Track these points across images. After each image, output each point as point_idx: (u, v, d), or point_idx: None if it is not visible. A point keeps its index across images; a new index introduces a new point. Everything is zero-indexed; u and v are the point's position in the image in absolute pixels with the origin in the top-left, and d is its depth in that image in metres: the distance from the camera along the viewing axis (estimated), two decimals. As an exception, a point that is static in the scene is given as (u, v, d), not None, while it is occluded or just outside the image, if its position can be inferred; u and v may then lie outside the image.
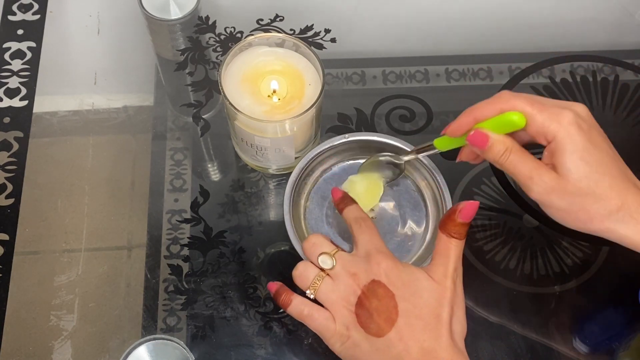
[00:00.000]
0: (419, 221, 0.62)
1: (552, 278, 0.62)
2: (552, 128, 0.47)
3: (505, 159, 0.49)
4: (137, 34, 0.74)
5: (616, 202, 0.47)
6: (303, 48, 0.60)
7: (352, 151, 0.64)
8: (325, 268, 0.51)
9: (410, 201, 0.63)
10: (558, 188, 0.47)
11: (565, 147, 0.47)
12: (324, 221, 0.63)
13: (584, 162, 0.47)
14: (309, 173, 0.63)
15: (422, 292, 0.49)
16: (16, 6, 0.76)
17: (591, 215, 0.48)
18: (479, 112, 0.50)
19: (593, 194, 0.47)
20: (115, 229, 0.64)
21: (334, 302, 0.50)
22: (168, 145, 0.68)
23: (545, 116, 0.47)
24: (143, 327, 0.59)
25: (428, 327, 0.48)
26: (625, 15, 0.78)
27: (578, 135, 0.47)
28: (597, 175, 0.47)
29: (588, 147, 0.47)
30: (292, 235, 0.59)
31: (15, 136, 0.68)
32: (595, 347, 0.60)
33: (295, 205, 0.62)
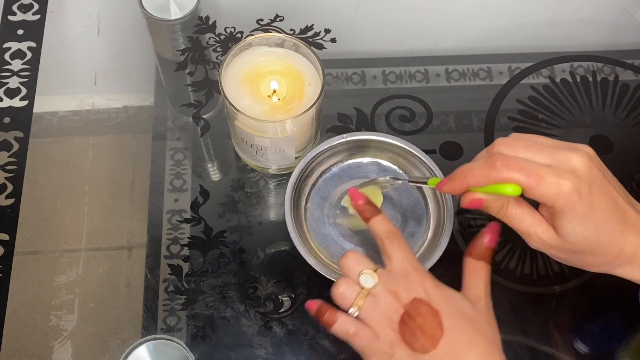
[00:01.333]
0: (419, 220, 0.63)
1: (552, 278, 0.62)
2: (551, 199, 0.46)
3: (503, 214, 0.49)
4: (137, 34, 0.74)
5: (613, 254, 0.48)
6: (303, 48, 0.60)
7: (351, 151, 0.64)
8: (367, 287, 0.50)
9: (410, 200, 0.63)
10: (556, 245, 0.48)
11: (564, 216, 0.46)
12: (325, 222, 0.63)
13: (584, 227, 0.47)
14: (308, 174, 0.63)
15: (463, 309, 0.50)
16: (16, 6, 0.76)
17: (589, 265, 0.49)
18: (472, 180, 0.48)
19: (591, 251, 0.48)
20: (115, 229, 0.64)
21: (376, 320, 0.50)
22: (168, 145, 0.68)
23: (543, 188, 0.46)
24: (143, 327, 0.59)
25: (474, 341, 0.48)
26: (625, 15, 0.78)
27: (577, 204, 0.46)
28: (595, 236, 0.47)
29: (588, 213, 0.46)
30: (295, 237, 0.59)
31: (15, 136, 0.68)
32: (595, 347, 0.60)
33: (296, 207, 0.62)
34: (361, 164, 0.65)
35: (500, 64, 0.74)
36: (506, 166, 0.46)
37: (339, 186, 0.64)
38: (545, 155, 0.47)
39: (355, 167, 0.65)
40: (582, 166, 0.47)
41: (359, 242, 0.62)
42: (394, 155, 0.65)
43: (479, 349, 0.48)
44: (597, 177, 0.47)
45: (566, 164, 0.47)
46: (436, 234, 0.61)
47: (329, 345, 0.59)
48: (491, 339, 0.49)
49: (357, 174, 0.65)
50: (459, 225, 0.64)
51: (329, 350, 0.59)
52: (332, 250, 0.62)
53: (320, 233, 0.62)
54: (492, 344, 0.49)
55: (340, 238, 0.62)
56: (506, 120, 0.70)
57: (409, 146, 0.62)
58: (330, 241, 0.62)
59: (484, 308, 0.51)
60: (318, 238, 0.62)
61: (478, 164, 0.48)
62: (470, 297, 0.51)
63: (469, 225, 0.65)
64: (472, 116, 0.71)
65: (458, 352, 0.48)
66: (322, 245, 0.62)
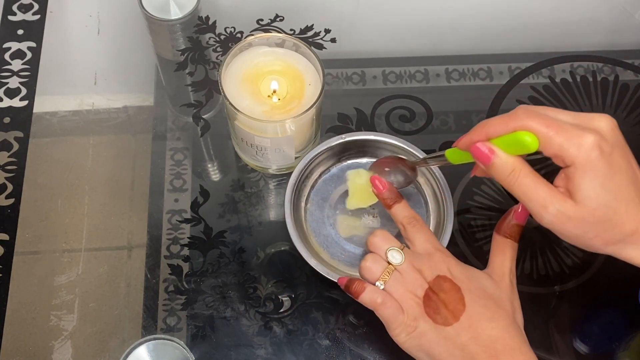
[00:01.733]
0: None
1: (552, 278, 0.62)
2: (571, 152, 0.44)
3: (514, 180, 0.46)
4: (137, 34, 0.74)
5: (631, 227, 0.45)
6: (303, 48, 0.60)
7: (350, 151, 0.64)
8: (394, 263, 0.52)
9: (411, 199, 0.63)
10: (574, 217, 0.45)
11: (585, 174, 0.44)
12: (325, 223, 0.63)
13: (605, 190, 0.44)
14: (308, 175, 0.63)
15: (485, 287, 0.51)
16: (16, 6, 0.76)
17: (605, 240, 0.46)
18: (491, 128, 0.47)
19: (610, 221, 0.45)
20: (115, 229, 0.64)
21: (401, 294, 0.51)
22: (168, 145, 0.68)
23: (563, 138, 0.44)
24: (143, 327, 0.59)
25: (495, 316, 0.50)
26: (625, 15, 0.78)
27: (599, 161, 0.44)
28: (615, 202, 0.45)
29: (608, 173, 0.44)
30: (295, 238, 0.59)
31: (15, 136, 0.68)
32: (595, 347, 0.60)
33: (296, 208, 0.62)
34: (360, 164, 0.65)
35: (500, 64, 0.74)
36: (527, 115, 0.45)
37: (339, 187, 0.64)
38: (568, 116, 0.46)
39: (355, 167, 0.65)
40: (606, 126, 0.45)
41: (359, 243, 0.62)
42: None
43: (499, 323, 0.49)
44: (620, 140, 0.46)
45: (589, 122, 0.45)
46: (436, 234, 0.61)
47: (329, 345, 0.59)
48: (511, 316, 0.51)
49: None
50: (459, 225, 0.64)
51: (329, 350, 0.59)
52: (333, 250, 0.62)
53: (320, 234, 0.62)
54: (512, 320, 0.50)
55: (341, 238, 0.62)
56: (506, 120, 0.70)
57: (408, 146, 0.62)
58: (330, 242, 0.62)
59: (507, 286, 0.52)
60: (318, 239, 0.62)
61: (500, 115, 0.47)
62: (495, 275, 0.52)
63: (469, 225, 0.65)
64: (472, 116, 0.71)
65: (479, 326, 0.49)
66: (322, 245, 0.62)
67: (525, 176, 0.46)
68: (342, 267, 0.61)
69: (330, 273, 0.57)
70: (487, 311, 0.50)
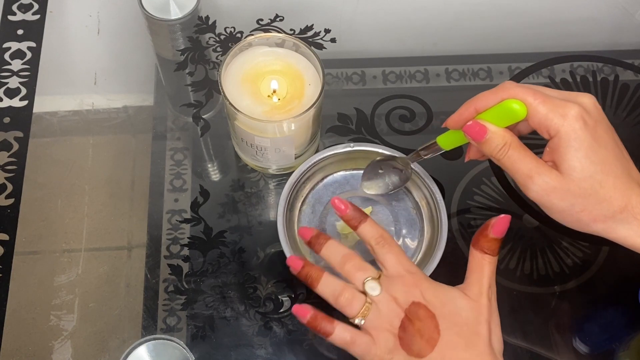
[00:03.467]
0: (412, 238, 0.62)
1: (552, 278, 0.62)
2: (555, 122, 0.45)
3: (504, 154, 0.47)
4: (137, 34, 0.74)
5: (619, 203, 0.46)
6: (303, 48, 0.60)
7: (355, 161, 0.64)
8: (372, 295, 0.50)
9: (407, 218, 0.63)
10: (559, 188, 0.46)
11: (569, 144, 0.45)
12: (317, 226, 0.62)
13: (589, 161, 0.45)
14: (309, 177, 0.63)
15: (460, 310, 0.49)
16: (16, 6, 0.76)
17: (593, 216, 0.46)
18: (479, 101, 0.48)
19: (596, 194, 0.45)
20: (115, 229, 0.64)
21: (378, 327, 0.49)
22: (168, 145, 0.68)
23: (548, 108, 0.45)
24: (143, 327, 0.59)
25: (470, 344, 0.48)
26: (625, 15, 0.78)
27: (583, 132, 0.45)
28: (601, 175, 0.45)
29: (593, 145, 0.45)
30: (283, 236, 0.58)
31: (15, 136, 0.68)
32: (595, 347, 0.60)
33: (291, 208, 0.62)
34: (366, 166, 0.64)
35: (500, 64, 0.74)
36: (514, 85, 0.46)
37: (337, 194, 0.64)
38: (553, 92, 0.47)
39: (358, 177, 0.64)
40: (589, 103, 0.46)
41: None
42: None
43: (474, 351, 0.48)
44: (603, 117, 0.46)
45: (574, 98, 0.46)
46: (428, 253, 0.60)
47: (329, 345, 0.59)
48: (487, 341, 0.48)
49: (356, 183, 0.64)
50: (459, 225, 0.64)
51: (328, 350, 0.59)
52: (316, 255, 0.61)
53: None
54: (487, 346, 0.48)
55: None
56: (506, 120, 0.70)
57: (416, 166, 0.61)
58: None
59: (485, 306, 0.49)
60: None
61: (487, 90, 0.48)
62: (471, 293, 0.50)
63: (469, 225, 0.65)
64: (472, 116, 0.71)
65: (453, 355, 0.47)
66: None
67: (514, 149, 0.47)
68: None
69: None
70: (461, 339, 0.48)
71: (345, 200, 0.54)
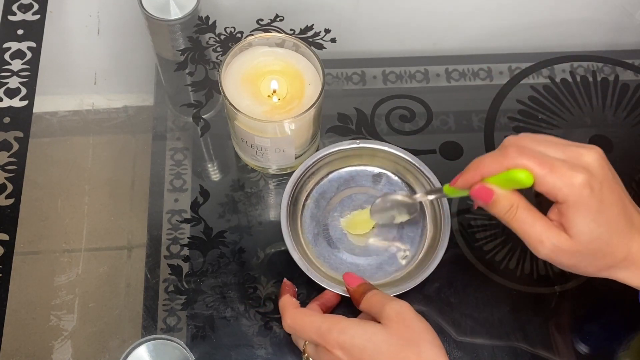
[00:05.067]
0: (414, 237, 0.62)
1: (552, 278, 0.62)
2: (563, 191, 0.46)
3: (512, 216, 0.48)
4: (137, 34, 0.74)
5: (621, 254, 0.48)
6: (303, 48, 0.60)
7: (360, 157, 0.64)
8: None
9: (410, 220, 0.62)
10: (569, 250, 0.47)
11: (577, 211, 0.46)
12: (319, 222, 0.63)
13: (596, 224, 0.46)
14: (314, 173, 0.63)
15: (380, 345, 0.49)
16: (16, 6, 0.76)
17: (599, 268, 0.49)
18: (485, 169, 0.48)
19: (602, 251, 0.47)
20: (115, 229, 0.64)
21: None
22: (168, 145, 0.68)
23: (555, 178, 0.46)
24: (143, 327, 0.59)
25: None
26: (625, 15, 0.78)
27: (590, 199, 0.46)
28: (607, 235, 0.47)
29: (600, 209, 0.46)
30: (286, 230, 0.59)
31: (15, 136, 0.68)
32: (595, 347, 0.60)
33: (295, 202, 0.62)
34: (367, 171, 0.65)
35: (500, 64, 0.74)
36: (519, 153, 0.46)
37: (342, 190, 0.64)
38: (557, 150, 0.47)
39: (363, 174, 0.65)
40: (594, 162, 0.47)
41: (348, 249, 0.62)
42: (403, 170, 0.64)
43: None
44: (608, 175, 0.47)
45: (578, 159, 0.47)
46: (429, 255, 0.60)
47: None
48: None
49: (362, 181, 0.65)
50: (459, 225, 0.64)
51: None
52: (321, 251, 0.62)
53: (311, 232, 0.62)
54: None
55: (332, 242, 0.62)
56: (506, 120, 0.70)
57: (421, 165, 0.62)
58: (321, 245, 0.62)
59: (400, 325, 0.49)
60: (309, 235, 0.62)
61: (491, 153, 0.48)
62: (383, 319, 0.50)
63: (469, 225, 0.65)
64: (472, 116, 0.71)
65: None
66: (311, 243, 0.62)
67: (522, 211, 0.48)
68: (325, 269, 0.61)
69: (309, 269, 0.58)
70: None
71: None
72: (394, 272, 0.61)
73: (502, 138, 0.68)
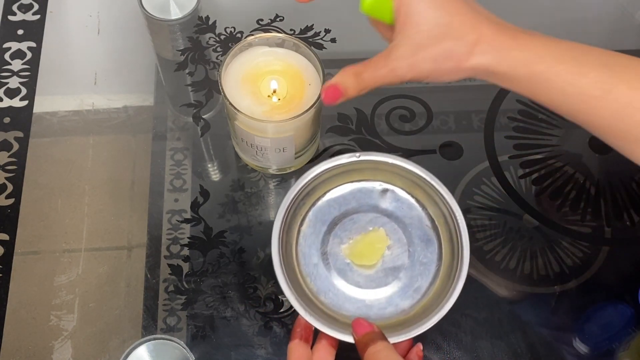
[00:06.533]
0: (429, 262, 0.56)
1: (552, 278, 0.62)
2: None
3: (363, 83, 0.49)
4: (137, 34, 0.74)
5: (472, 37, 0.47)
6: (303, 48, 0.60)
7: (361, 172, 0.59)
8: None
9: (422, 239, 0.57)
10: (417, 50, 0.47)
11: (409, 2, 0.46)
12: (318, 250, 0.57)
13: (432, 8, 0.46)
14: (308, 193, 0.58)
15: None
16: (16, 6, 0.76)
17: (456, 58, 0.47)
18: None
19: (448, 36, 0.46)
20: (115, 229, 0.64)
21: None
22: (168, 145, 0.68)
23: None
24: (143, 327, 0.59)
25: None
26: (625, 15, 0.78)
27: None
28: (447, 17, 0.46)
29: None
30: (278, 265, 0.53)
31: (15, 136, 0.68)
32: (595, 347, 0.60)
33: (288, 230, 0.56)
34: (369, 188, 0.59)
35: (500, 64, 0.74)
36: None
37: (343, 210, 0.58)
38: None
39: (365, 191, 0.58)
40: None
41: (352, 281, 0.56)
42: (410, 184, 0.58)
43: None
44: None
45: None
46: (447, 276, 0.55)
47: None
48: None
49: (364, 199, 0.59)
50: (459, 225, 0.64)
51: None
52: (320, 284, 0.56)
53: (310, 263, 0.57)
54: None
55: (332, 271, 0.57)
56: (506, 120, 0.70)
57: (425, 174, 0.56)
58: (318, 274, 0.56)
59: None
60: (307, 268, 0.57)
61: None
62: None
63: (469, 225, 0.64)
64: (472, 116, 0.71)
65: None
66: (309, 276, 0.56)
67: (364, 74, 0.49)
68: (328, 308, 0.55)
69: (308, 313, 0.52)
70: None
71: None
72: (407, 308, 0.55)
73: (502, 138, 0.69)
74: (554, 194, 0.66)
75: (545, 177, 0.67)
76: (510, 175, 0.67)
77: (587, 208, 0.65)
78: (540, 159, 0.68)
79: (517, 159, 0.67)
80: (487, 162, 0.67)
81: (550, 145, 0.68)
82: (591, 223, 0.64)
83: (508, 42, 0.47)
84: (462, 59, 0.47)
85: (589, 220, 0.65)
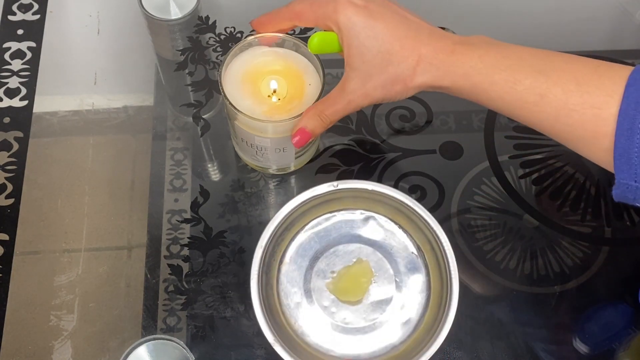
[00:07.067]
0: (416, 291, 0.55)
1: (552, 278, 0.62)
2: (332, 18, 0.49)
3: (326, 119, 0.53)
4: (137, 34, 0.74)
5: (413, 59, 0.49)
6: (303, 48, 0.60)
7: (340, 201, 0.56)
8: None
9: (408, 267, 0.56)
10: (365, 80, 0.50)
11: (350, 32, 0.49)
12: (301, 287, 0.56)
13: (371, 38, 0.48)
14: (287, 228, 0.56)
15: None
16: (16, 6, 0.76)
17: (402, 80, 0.50)
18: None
19: (391, 62, 0.49)
20: (115, 229, 0.64)
21: None
22: (168, 145, 0.68)
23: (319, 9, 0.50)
24: (143, 327, 0.59)
25: None
26: (625, 15, 0.78)
27: (357, 17, 0.48)
28: (387, 45, 0.49)
29: (369, 24, 0.48)
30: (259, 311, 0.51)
31: (15, 136, 0.68)
32: (595, 347, 0.60)
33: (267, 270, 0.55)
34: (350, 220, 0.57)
35: (500, 64, 0.74)
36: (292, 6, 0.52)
37: (324, 243, 0.56)
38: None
39: (350, 223, 0.56)
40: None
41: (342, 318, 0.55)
42: (393, 211, 0.56)
43: None
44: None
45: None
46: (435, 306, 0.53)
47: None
48: None
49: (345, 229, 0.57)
50: (459, 225, 0.64)
51: (329, 350, 0.59)
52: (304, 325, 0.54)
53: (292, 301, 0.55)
54: None
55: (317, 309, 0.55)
56: (506, 120, 0.70)
57: (409, 200, 0.54)
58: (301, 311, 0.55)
59: None
60: (290, 310, 0.55)
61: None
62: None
63: (469, 226, 0.65)
64: (472, 116, 0.71)
65: None
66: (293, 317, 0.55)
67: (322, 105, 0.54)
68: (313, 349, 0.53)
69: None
70: None
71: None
72: (397, 343, 0.53)
73: (502, 138, 0.69)
74: (554, 194, 0.66)
75: (546, 177, 0.67)
76: (510, 175, 0.67)
77: (587, 208, 0.65)
78: (540, 159, 0.68)
79: (517, 159, 0.67)
80: (487, 162, 0.67)
81: (550, 145, 0.68)
82: (591, 223, 0.65)
83: (446, 59, 0.50)
84: (407, 81, 0.51)
85: (589, 220, 0.65)
